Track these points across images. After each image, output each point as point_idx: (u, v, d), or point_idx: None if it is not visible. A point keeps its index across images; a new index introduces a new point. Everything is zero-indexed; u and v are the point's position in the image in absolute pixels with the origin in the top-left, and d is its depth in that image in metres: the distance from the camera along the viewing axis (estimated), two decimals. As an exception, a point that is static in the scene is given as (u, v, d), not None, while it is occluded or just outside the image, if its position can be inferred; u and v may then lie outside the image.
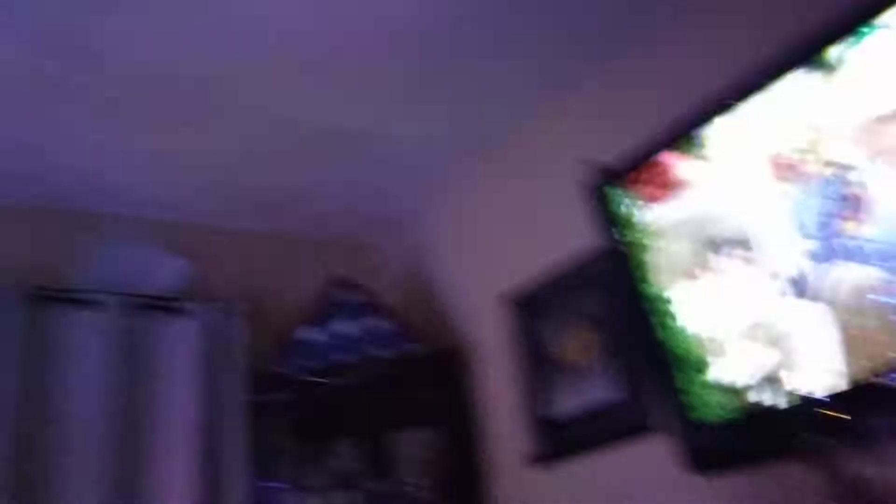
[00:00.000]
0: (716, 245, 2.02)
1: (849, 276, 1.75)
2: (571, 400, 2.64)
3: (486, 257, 3.12)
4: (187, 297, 3.02)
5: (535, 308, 2.84)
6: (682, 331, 2.08)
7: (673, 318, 2.10)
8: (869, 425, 1.68)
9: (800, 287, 1.85)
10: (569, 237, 2.65)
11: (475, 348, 3.13)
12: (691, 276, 2.08)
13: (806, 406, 1.80)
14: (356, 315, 3.10)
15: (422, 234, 3.53)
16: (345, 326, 3.08)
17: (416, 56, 2.50)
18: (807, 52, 1.82)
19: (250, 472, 2.88)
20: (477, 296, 3.13)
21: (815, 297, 1.81)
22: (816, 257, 1.82)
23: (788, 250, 1.87)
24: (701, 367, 2.04)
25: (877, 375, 1.67)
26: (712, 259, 2.03)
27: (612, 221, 2.26)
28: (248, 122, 2.73)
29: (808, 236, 1.83)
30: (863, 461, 1.65)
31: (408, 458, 3.03)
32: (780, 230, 1.88)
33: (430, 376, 3.04)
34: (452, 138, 3.00)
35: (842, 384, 1.74)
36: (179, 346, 2.96)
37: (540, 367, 2.78)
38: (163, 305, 2.98)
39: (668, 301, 2.11)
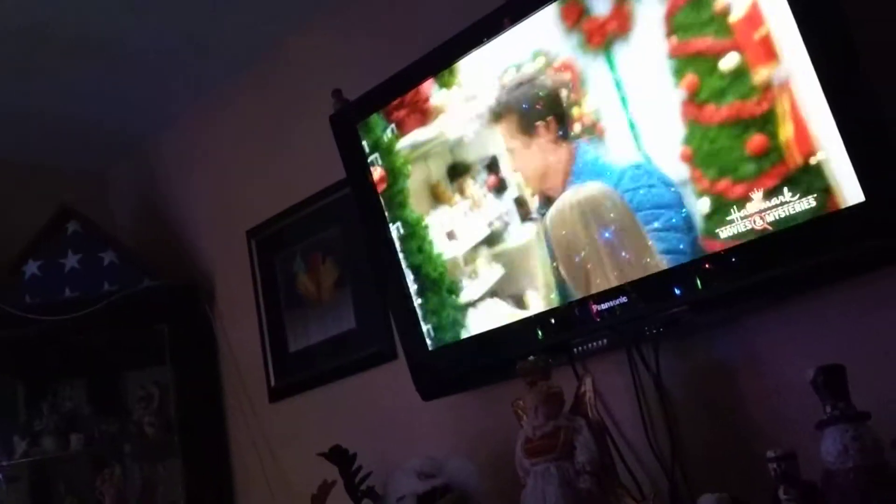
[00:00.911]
0: (468, 170, 2.08)
1: (568, 200, 1.90)
2: (313, 333, 2.65)
3: (230, 189, 3.01)
4: None
5: (278, 242, 2.79)
6: (439, 255, 2.13)
7: (430, 242, 2.14)
8: (581, 344, 1.86)
9: (525, 210, 1.96)
10: (317, 170, 2.61)
11: (216, 283, 3.04)
12: (447, 200, 2.13)
13: (526, 326, 1.95)
14: (84, 248, 2.88)
15: (160, 162, 3.33)
16: (72, 260, 2.86)
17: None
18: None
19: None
20: (219, 229, 3.02)
21: (536, 221, 1.94)
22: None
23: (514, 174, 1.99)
24: (453, 289, 2.11)
25: (586, 299, 1.84)
26: (464, 184, 2.10)
27: (367, 150, 2.24)
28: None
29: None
30: (578, 378, 1.81)
31: (140, 397, 2.91)
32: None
33: (165, 312, 2.90)
34: (196, 59, 2.82)
35: (555, 305, 1.90)
36: None
37: (282, 301, 2.76)
38: None
39: (425, 226, 2.15)
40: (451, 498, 1.92)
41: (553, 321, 1.90)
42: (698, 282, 1.66)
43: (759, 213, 1.58)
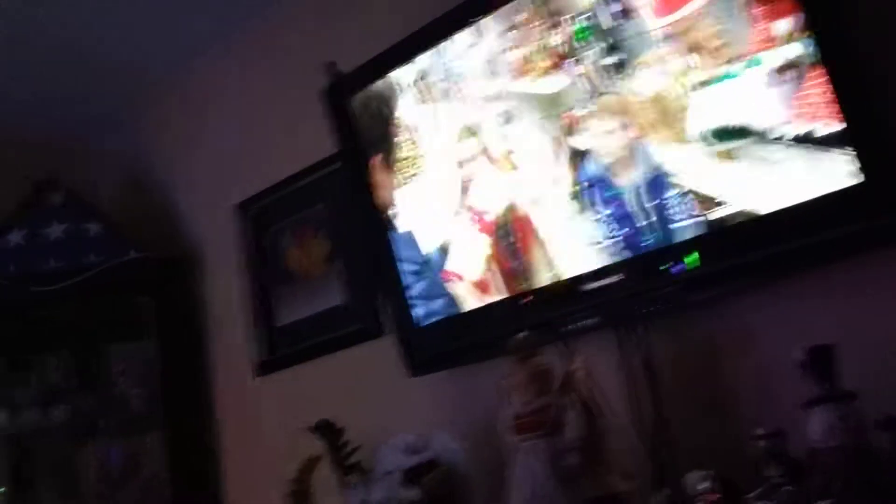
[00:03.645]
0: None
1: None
2: (301, 308, 2.65)
3: (220, 162, 2.98)
4: None
5: (267, 217, 2.78)
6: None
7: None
8: (570, 322, 1.87)
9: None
10: (308, 144, 2.59)
11: (202, 256, 3.02)
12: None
13: (516, 303, 1.96)
14: (69, 218, 2.86)
15: (146, 134, 3.29)
16: (56, 230, 2.84)
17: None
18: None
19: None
20: (206, 202, 3.00)
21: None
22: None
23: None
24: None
25: (578, 277, 1.85)
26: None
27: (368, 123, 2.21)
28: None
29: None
30: (564, 357, 1.82)
31: (124, 370, 2.89)
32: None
33: (151, 284, 2.88)
34: (184, 29, 2.79)
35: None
36: None
37: (270, 276, 2.75)
38: None
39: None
40: (439, 473, 1.94)
41: (543, 299, 1.91)
42: (691, 262, 1.67)
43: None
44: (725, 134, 1.62)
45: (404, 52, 2.12)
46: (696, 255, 1.66)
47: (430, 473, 1.94)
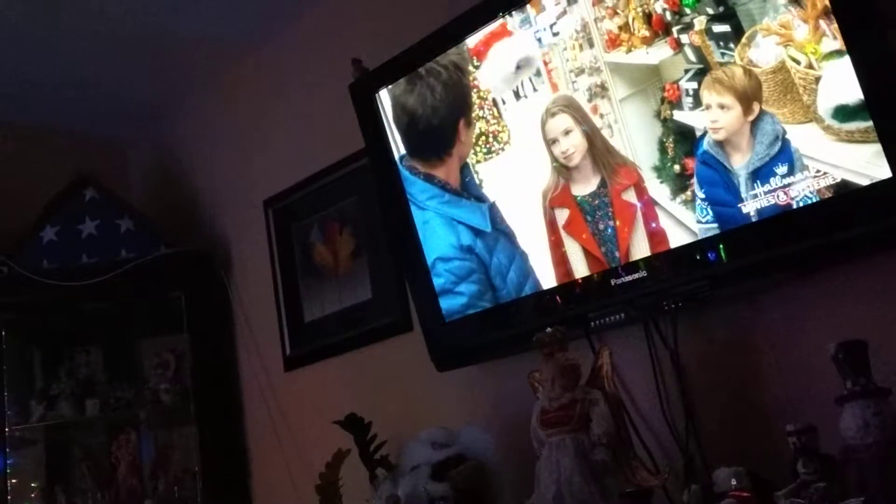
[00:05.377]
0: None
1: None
2: (329, 303, 2.66)
3: (248, 158, 3.00)
4: None
5: (295, 212, 2.79)
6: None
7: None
8: (598, 318, 1.85)
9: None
10: (335, 140, 2.59)
11: (233, 252, 3.04)
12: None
13: (543, 299, 1.95)
14: (102, 214, 2.89)
15: (177, 131, 3.32)
16: (89, 226, 2.87)
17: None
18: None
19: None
20: (237, 198, 3.02)
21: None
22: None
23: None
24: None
25: (606, 273, 1.84)
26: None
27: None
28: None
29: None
30: (594, 351, 1.81)
31: (156, 363, 2.92)
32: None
33: (181, 280, 2.90)
34: (215, 28, 2.80)
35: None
36: None
37: (298, 271, 2.77)
38: None
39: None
40: (467, 468, 1.93)
41: (571, 294, 1.89)
42: (720, 256, 1.65)
43: (782, 188, 1.57)
44: (862, 111, 1.48)
45: (434, 45, 2.09)
46: (723, 252, 1.64)
47: (457, 467, 1.94)
